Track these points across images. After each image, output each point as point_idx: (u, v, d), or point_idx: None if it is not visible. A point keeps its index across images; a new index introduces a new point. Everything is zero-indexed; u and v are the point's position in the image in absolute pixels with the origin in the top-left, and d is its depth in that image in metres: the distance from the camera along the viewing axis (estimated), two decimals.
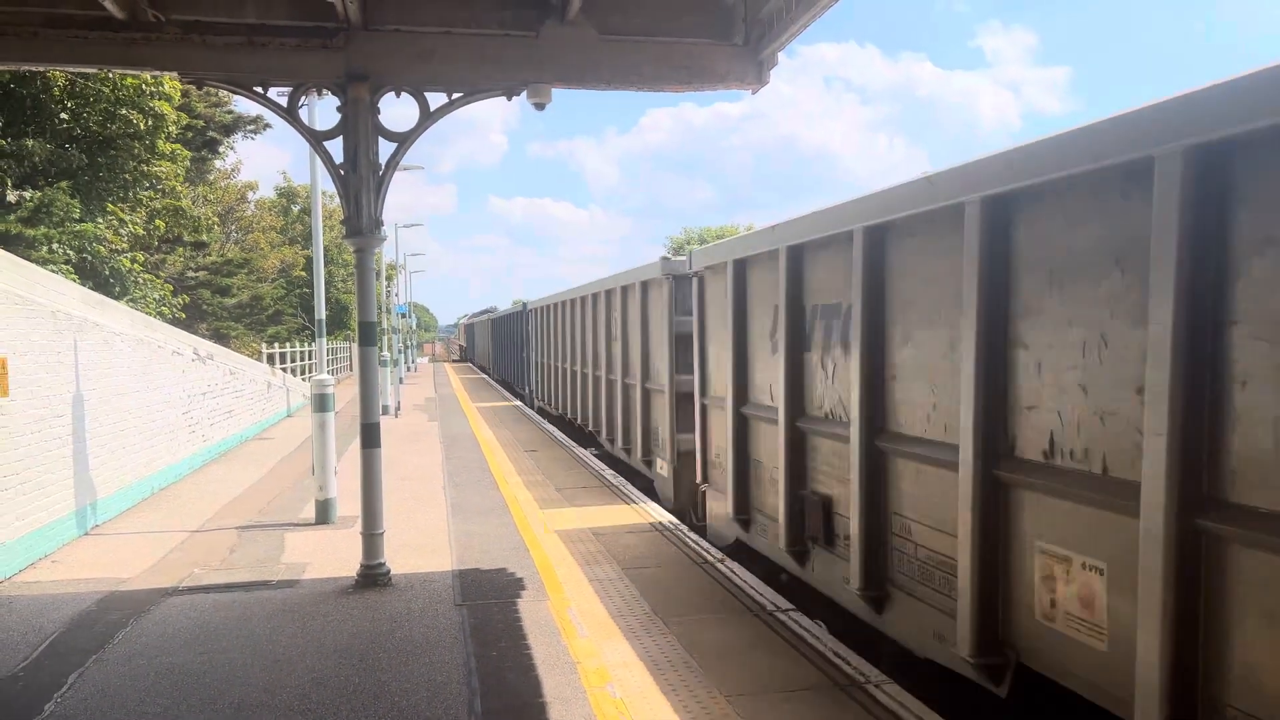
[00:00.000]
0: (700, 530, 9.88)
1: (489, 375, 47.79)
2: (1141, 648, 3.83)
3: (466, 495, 12.13)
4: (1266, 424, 3.41)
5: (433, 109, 7.93)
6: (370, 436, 8.02)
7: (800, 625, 6.60)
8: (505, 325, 38.83)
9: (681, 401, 11.30)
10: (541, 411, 24.79)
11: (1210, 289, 3.61)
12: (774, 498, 7.65)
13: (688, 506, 11.12)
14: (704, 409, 9.66)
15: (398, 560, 8.48)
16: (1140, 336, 3.88)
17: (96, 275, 18.34)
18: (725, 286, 8.63)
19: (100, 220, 19.29)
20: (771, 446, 7.71)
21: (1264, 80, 3.32)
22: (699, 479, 9.98)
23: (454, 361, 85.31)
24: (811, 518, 6.95)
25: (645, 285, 12.94)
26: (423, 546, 9.28)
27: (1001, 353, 4.82)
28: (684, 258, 11.20)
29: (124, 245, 20.24)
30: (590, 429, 17.49)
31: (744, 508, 8.47)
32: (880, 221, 5.87)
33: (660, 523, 10.17)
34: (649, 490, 12.60)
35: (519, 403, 28.76)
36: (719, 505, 9.21)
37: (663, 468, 12.17)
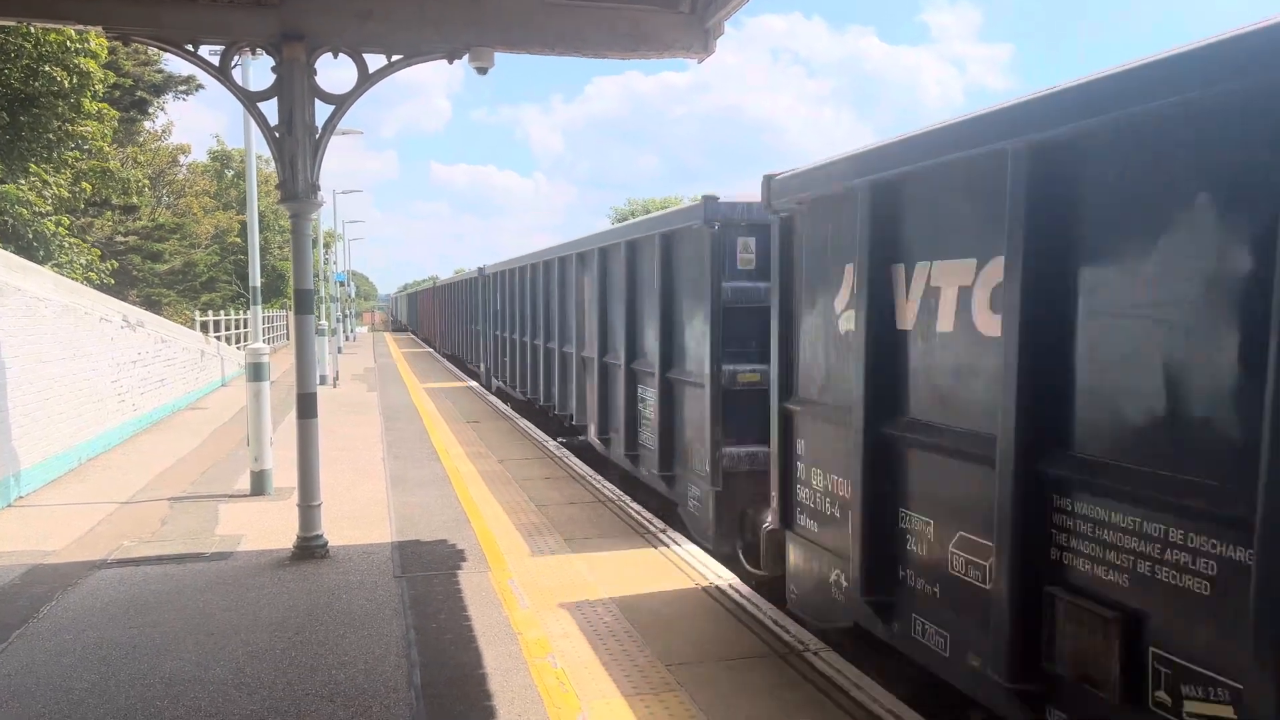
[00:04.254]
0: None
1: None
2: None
3: (407, 467, 12.00)
4: None
5: (372, 71, 7.73)
6: (306, 407, 7.86)
7: (740, 594, 6.66)
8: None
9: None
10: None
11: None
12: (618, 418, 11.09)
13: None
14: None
15: (336, 532, 8.35)
16: None
17: (19, 239, 17.68)
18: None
19: (23, 182, 18.56)
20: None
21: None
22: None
23: (392, 331, 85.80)
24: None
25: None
26: (361, 518, 9.16)
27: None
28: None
29: (48, 208, 19.50)
30: None
31: (605, 430, 11.76)
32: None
33: (606, 495, 10.18)
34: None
35: (464, 374, 28.50)
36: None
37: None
